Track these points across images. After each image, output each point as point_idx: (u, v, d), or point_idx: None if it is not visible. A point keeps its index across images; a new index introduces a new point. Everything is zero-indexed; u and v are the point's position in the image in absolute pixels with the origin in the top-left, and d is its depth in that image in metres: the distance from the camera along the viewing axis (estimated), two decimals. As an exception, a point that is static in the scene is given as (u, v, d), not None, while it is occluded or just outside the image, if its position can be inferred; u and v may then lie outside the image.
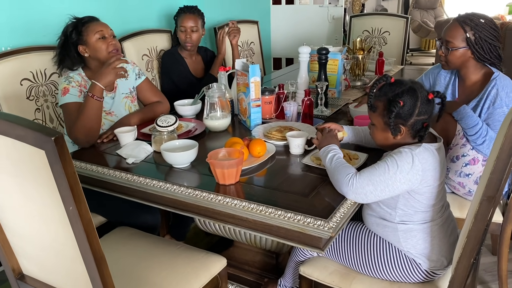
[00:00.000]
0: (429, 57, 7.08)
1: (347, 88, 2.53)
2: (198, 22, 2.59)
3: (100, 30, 1.88)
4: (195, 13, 2.60)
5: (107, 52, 1.88)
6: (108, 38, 1.89)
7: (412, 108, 1.31)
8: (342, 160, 1.39)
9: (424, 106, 1.32)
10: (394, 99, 1.31)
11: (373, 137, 1.45)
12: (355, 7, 6.14)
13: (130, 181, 1.50)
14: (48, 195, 1.03)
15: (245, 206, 1.29)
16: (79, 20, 1.90)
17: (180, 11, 2.62)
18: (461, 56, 1.83)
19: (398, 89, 1.33)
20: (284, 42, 4.17)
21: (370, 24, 3.61)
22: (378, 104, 1.36)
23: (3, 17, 2.09)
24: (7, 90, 2.00)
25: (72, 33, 1.88)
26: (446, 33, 1.85)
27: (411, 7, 7.06)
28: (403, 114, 1.31)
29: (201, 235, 2.43)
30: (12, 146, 1.02)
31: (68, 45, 1.89)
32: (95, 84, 1.75)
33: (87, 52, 1.89)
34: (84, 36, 1.87)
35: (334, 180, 1.35)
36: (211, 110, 1.88)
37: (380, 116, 1.36)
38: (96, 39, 1.87)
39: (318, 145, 1.51)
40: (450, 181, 1.85)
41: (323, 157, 1.43)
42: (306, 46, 2.24)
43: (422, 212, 1.37)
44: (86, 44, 1.88)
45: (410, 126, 1.33)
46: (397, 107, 1.30)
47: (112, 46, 1.90)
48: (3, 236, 1.30)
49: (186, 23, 2.56)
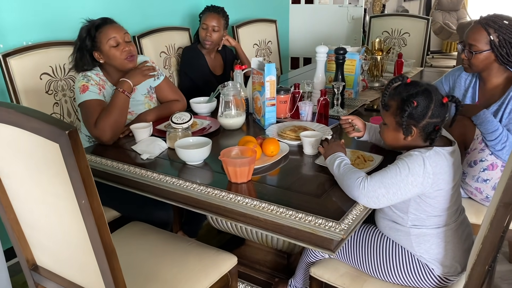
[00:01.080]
0: (450, 59, 6.96)
1: (364, 88, 2.51)
2: (221, 22, 2.60)
3: (113, 36, 1.82)
4: (220, 13, 2.62)
5: (122, 60, 1.85)
6: (122, 44, 1.84)
7: (425, 109, 1.29)
8: (350, 166, 1.37)
9: (437, 109, 1.30)
10: (408, 99, 1.30)
11: (383, 137, 1.43)
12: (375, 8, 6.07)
13: (144, 176, 1.51)
14: (62, 188, 1.05)
15: (257, 205, 1.29)
16: (92, 24, 1.85)
17: (206, 9, 2.65)
18: (484, 59, 1.79)
19: (413, 89, 1.31)
20: (302, 42, 4.15)
21: (390, 25, 3.56)
22: (391, 103, 1.35)
23: (25, 12, 2.13)
24: (27, 84, 2.04)
25: (85, 39, 1.83)
26: (469, 36, 1.81)
27: (433, 9, 6.95)
28: (415, 114, 1.30)
29: (213, 232, 2.43)
30: (28, 139, 1.03)
31: (83, 51, 1.85)
32: (125, 81, 1.78)
33: (102, 58, 1.86)
34: (97, 43, 1.83)
35: (344, 186, 1.33)
36: (225, 108, 1.88)
37: (392, 115, 1.35)
38: (110, 46, 1.82)
39: (323, 154, 1.49)
40: (467, 186, 1.81)
41: (330, 165, 1.42)
42: (323, 45, 2.23)
43: (435, 217, 1.34)
44: (101, 51, 1.84)
45: (422, 128, 1.32)
46: (411, 107, 1.29)
47: (126, 53, 1.84)
48: (18, 227, 1.33)
49: (209, 21, 2.58)
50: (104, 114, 1.74)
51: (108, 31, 1.83)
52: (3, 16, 2.05)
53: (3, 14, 2.05)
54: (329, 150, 1.47)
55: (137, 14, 2.70)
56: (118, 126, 1.77)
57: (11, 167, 1.19)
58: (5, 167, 1.21)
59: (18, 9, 2.10)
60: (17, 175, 1.18)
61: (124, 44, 1.85)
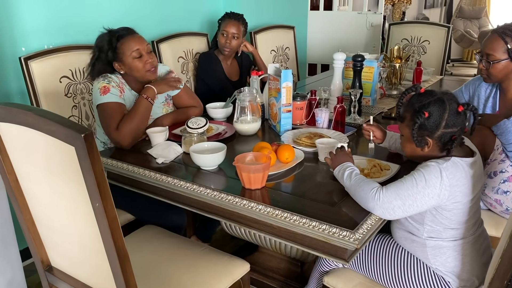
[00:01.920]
0: (471, 68, 6.85)
1: (382, 96, 2.48)
2: (240, 30, 2.61)
3: (137, 48, 1.80)
4: (240, 21, 2.63)
5: (145, 71, 1.83)
6: (145, 56, 1.81)
7: (438, 119, 1.26)
8: (361, 176, 1.34)
9: (452, 118, 1.27)
10: (420, 110, 1.27)
11: (403, 148, 1.41)
12: (395, 15, 6.03)
13: (158, 180, 1.52)
14: (77, 190, 1.05)
15: (270, 212, 1.28)
16: (113, 33, 1.81)
17: (226, 16, 2.65)
18: (503, 69, 1.76)
19: (426, 99, 1.29)
20: (320, 48, 4.14)
21: (409, 32, 3.53)
22: (406, 114, 1.33)
23: (46, 16, 2.17)
24: (47, 87, 2.07)
25: (107, 50, 1.80)
26: (486, 45, 1.78)
27: (454, 16, 6.87)
28: (428, 125, 1.27)
29: (227, 238, 2.43)
30: (45, 141, 1.05)
31: (102, 61, 1.82)
32: (149, 87, 1.80)
33: (122, 69, 1.83)
34: (119, 54, 1.80)
35: (357, 197, 1.30)
36: (241, 113, 1.88)
37: (407, 127, 1.33)
38: (133, 58, 1.80)
39: (331, 164, 1.44)
40: (486, 198, 1.77)
41: (339, 176, 1.37)
42: (341, 52, 2.21)
43: (451, 229, 1.31)
44: (122, 62, 1.81)
45: (438, 138, 1.29)
46: (422, 118, 1.26)
47: (149, 65, 1.82)
48: (34, 228, 1.34)
49: (229, 28, 2.59)
50: (127, 119, 1.74)
51: (131, 43, 1.80)
52: (26, 20, 2.10)
53: (26, 18, 2.09)
54: (336, 160, 1.42)
55: (156, 19, 2.73)
56: (139, 132, 1.78)
57: (28, 168, 1.20)
58: (23, 169, 1.22)
59: (40, 14, 2.15)
60: (34, 177, 1.20)
61: (146, 55, 1.83)
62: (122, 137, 1.73)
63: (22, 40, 2.10)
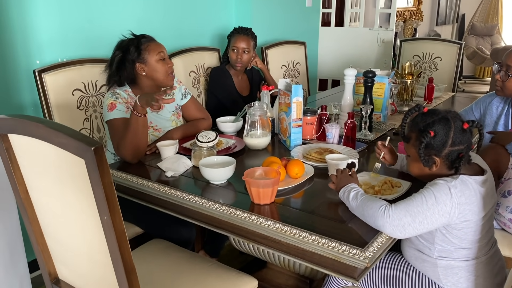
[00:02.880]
0: (483, 85, 6.81)
1: (393, 112, 2.47)
2: (250, 44, 2.63)
3: (161, 51, 1.88)
4: (248, 35, 2.65)
5: (167, 74, 1.88)
6: (167, 60, 1.90)
7: (444, 138, 1.25)
8: (367, 195, 1.31)
9: (458, 136, 1.26)
10: (425, 129, 1.26)
11: (410, 169, 1.40)
12: (406, 32, 6.04)
13: (167, 194, 1.52)
14: (86, 203, 1.05)
15: (279, 228, 1.26)
16: (139, 37, 1.88)
17: (235, 31, 2.67)
18: None
19: (430, 119, 1.28)
20: (331, 64, 4.14)
21: (421, 49, 3.52)
22: (411, 134, 1.32)
23: (61, 30, 2.21)
24: (60, 99, 2.09)
25: (132, 50, 1.85)
26: (509, 57, 1.76)
27: (466, 33, 6.85)
28: (435, 144, 1.26)
29: (235, 253, 2.40)
30: (55, 153, 1.05)
31: (125, 62, 1.86)
32: (135, 103, 1.70)
33: (144, 71, 1.87)
34: (144, 55, 1.85)
35: (366, 216, 1.26)
36: (251, 128, 1.88)
37: (413, 147, 1.32)
38: (157, 59, 1.86)
39: (335, 188, 1.40)
40: (500, 217, 1.74)
41: (344, 198, 1.34)
42: (351, 68, 2.21)
43: (463, 249, 1.28)
44: (146, 63, 1.86)
45: (445, 157, 1.27)
46: (427, 137, 1.25)
47: (170, 68, 1.90)
48: (42, 240, 1.34)
49: (238, 44, 2.61)
50: (124, 137, 1.73)
51: (157, 46, 1.89)
52: (41, 33, 2.13)
53: (41, 31, 2.13)
54: (340, 183, 1.38)
55: (169, 33, 2.76)
56: (137, 147, 1.73)
57: (38, 180, 1.21)
58: (33, 180, 1.23)
59: (55, 27, 2.18)
60: (44, 189, 1.20)
61: (168, 60, 1.91)
62: (122, 154, 1.75)
63: (36, 53, 2.13)
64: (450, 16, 7.22)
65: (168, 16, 2.77)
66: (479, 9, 6.91)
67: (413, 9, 6.30)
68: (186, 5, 2.88)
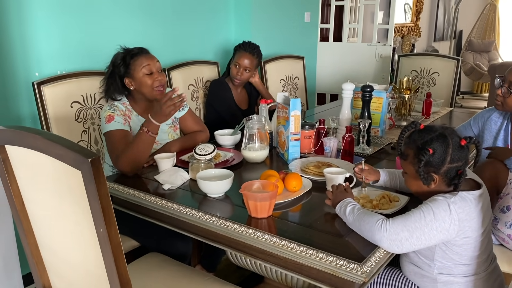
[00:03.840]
0: (481, 100, 6.84)
1: (391, 127, 2.47)
2: (253, 63, 2.63)
3: (147, 64, 1.86)
4: (254, 54, 2.63)
5: (152, 88, 1.87)
6: (155, 73, 1.88)
7: (443, 155, 1.25)
8: (364, 210, 1.30)
9: (456, 152, 1.25)
10: (423, 147, 1.25)
11: (408, 186, 1.38)
12: (404, 47, 6.08)
13: (164, 207, 1.51)
14: (82, 215, 1.05)
15: (276, 242, 1.25)
16: (128, 51, 1.90)
17: (241, 47, 2.64)
18: None
19: (428, 136, 1.27)
20: (330, 78, 4.16)
21: (419, 64, 3.54)
22: (408, 151, 1.31)
23: (61, 43, 2.22)
24: (58, 111, 2.10)
25: (119, 65, 1.88)
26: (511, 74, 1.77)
27: (463, 49, 6.91)
28: (434, 162, 1.25)
29: (232, 267, 2.38)
30: (52, 165, 1.05)
31: (115, 76, 1.89)
32: (150, 122, 1.71)
33: (132, 85, 1.88)
34: (131, 70, 1.86)
35: (363, 230, 1.25)
36: (249, 141, 1.88)
37: (411, 164, 1.31)
38: (143, 74, 1.85)
39: (331, 204, 1.39)
40: (499, 233, 1.73)
41: (341, 213, 1.33)
42: (349, 82, 2.22)
43: (463, 265, 1.27)
44: (132, 78, 1.87)
45: (444, 174, 1.26)
46: (427, 155, 1.24)
47: (158, 82, 1.87)
48: (38, 253, 1.33)
49: (242, 60, 2.60)
50: (126, 150, 1.72)
51: (143, 60, 1.88)
52: (41, 46, 2.15)
53: (41, 44, 2.14)
54: (336, 198, 1.38)
55: (169, 47, 2.78)
56: (138, 163, 1.74)
57: (35, 192, 1.20)
58: (30, 192, 1.22)
59: (55, 40, 2.20)
60: (40, 200, 1.20)
61: (157, 73, 1.89)
62: (121, 165, 1.74)
63: (36, 65, 2.14)
64: (448, 32, 7.29)
65: (168, 30, 2.79)
66: (476, 25, 6.98)
67: (411, 25, 6.37)
68: (186, 19, 2.91)
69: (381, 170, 1.58)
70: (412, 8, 6.37)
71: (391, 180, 1.57)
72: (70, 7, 2.22)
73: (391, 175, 1.58)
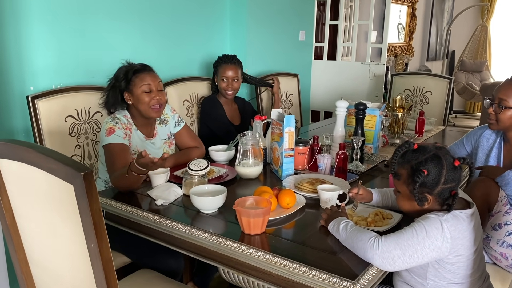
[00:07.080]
0: (474, 119, 6.92)
1: (384, 145, 2.49)
2: (238, 71, 2.67)
3: (148, 83, 1.89)
4: (235, 63, 2.69)
5: (149, 106, 1.89)
6: (154, 92, 1.90)
7: (437, 176, 1.25)
8: (358, 227, 1.30)
9: (450, 173, 1.25)
10: (418, 168, 1.25)
11: (399, 205, 1.38)
12: (397, 66, 6.16)
13: (156, 223, 1.50)
14: (73, 230, 1.04)
15: (269, 259, 1.24)
16: (132, 67, 1.93)
17: (220, 61, 2.70)
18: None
19: (422, 156, 1.27)
20: (324, 96, 4.20)
21: (412, 83, 3.59)
22: (401, 171, 1.31)
23: (56, 57, 2.23)
24: (52, 126, 2.09)
25: (121, 79, 1.91)
26: (500, 91, 1.80)
27: (456, 69, 7.01)
28: (428, 183, 1.25)
29: (224, 285, 2.35)
30: (44, 179, 1.04)
31: (116, 89, 1.92)
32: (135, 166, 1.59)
33: (130, 100, 1.92)
34: (131, 85, 1.90)
35: (355, 248, 1.25)
36: (243, 157, 1.88)
37: (404, 184, 1.31)
38: (142, 91, 1.88)
39: (325, 224, 1.39)
40: (491, 251, 1.73)
41: (334, 231, 1.33)
42: (343, 100, 2.24)
43: (456, 284, 1.27)
44: (131, 93, 1.90)
45: (437, 195, 1.27)
46: (421, 176, 1.24)
47: (156, 101, 1.90)
48: (27, 269, 1.31)
49: (227, 73, 2.64)
50: (118, 176, 1.69)
51: (145, 77, 1.90)
52: (37, 60, 2.15)
53: (37, 58, 2.15)
54: (329, 218, 1.38)
55: (164, 63, 2.79)
56: (130, 189, 1.72)
57: (26, 206, 1.19)
58: (21, 207, 1.21)
59: (50, 54, 2.20)
60: (31, 215, 1.18)
61: (156, 92, 1.91)
62: (115, 185, 1.74)
63: (31, 79, 2.14)
64: (440, 52, 7.41)
65: (163, 46, 2.81)
66: (468, 46, 7.10)
67: (404, 45, 6.46)
68: (182, 36, 2.93)
69: (373, 190, 1.58)
70: (405, 28, 6.48)
71: (383, 200, 1.57)
72: (66, 22, 2.24)
73: (383, 195, 1.58)
